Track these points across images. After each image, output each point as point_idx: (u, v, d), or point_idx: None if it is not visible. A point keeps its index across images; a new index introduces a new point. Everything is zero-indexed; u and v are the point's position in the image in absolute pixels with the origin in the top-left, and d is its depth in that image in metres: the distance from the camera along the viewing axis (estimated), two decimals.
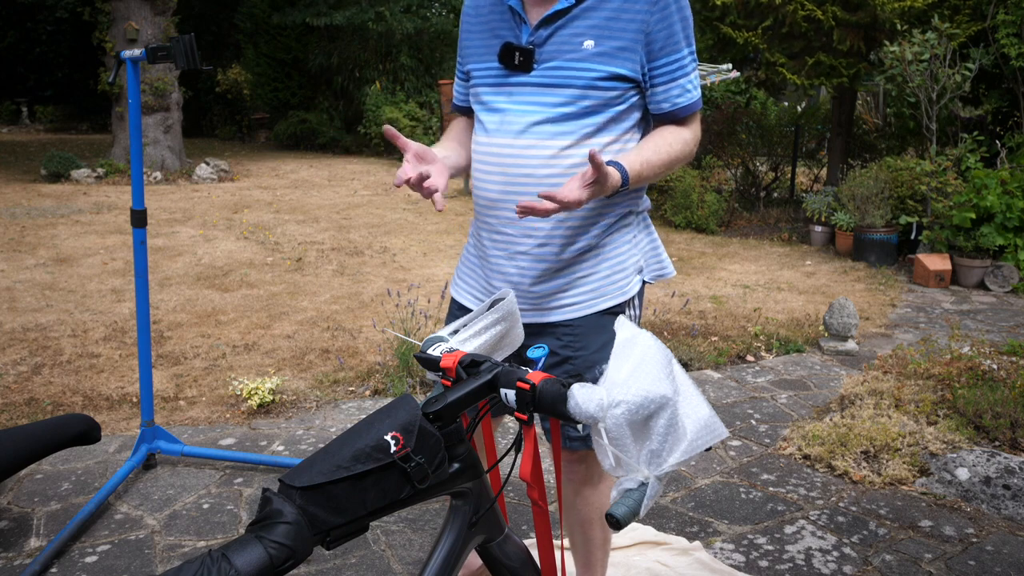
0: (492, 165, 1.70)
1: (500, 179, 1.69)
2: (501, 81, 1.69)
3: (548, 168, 1.64)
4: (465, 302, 1.85)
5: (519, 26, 1.66)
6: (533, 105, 1.64)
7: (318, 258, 6.77)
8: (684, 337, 4.73)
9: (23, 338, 4.52)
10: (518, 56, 1.64)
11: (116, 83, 8.07)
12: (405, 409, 1.08)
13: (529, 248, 1.69)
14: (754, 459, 3.24)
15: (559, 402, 1.06)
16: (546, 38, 1.63)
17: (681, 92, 1.67)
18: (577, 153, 1.64)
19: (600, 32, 1.60)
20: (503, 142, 1.67)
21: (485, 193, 1.73)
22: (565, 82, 1.62)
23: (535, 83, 1.64)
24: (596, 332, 1.71)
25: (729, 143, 9.80)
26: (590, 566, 1.99)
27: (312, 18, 15.45)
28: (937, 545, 2.61)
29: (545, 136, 1.64)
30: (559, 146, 1.64)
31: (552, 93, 1.63)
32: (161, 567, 2.41)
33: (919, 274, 6.53)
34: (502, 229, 1.71)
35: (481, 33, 1.74)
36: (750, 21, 8.24)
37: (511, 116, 1.66)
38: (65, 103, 20.48)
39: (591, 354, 1.71)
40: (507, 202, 1.68)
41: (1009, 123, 7.77)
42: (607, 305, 1.73)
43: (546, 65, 1.63)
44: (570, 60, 1.61)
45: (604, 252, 1.73)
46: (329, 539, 1.02)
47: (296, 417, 3.59)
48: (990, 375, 3.50)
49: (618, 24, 1.60)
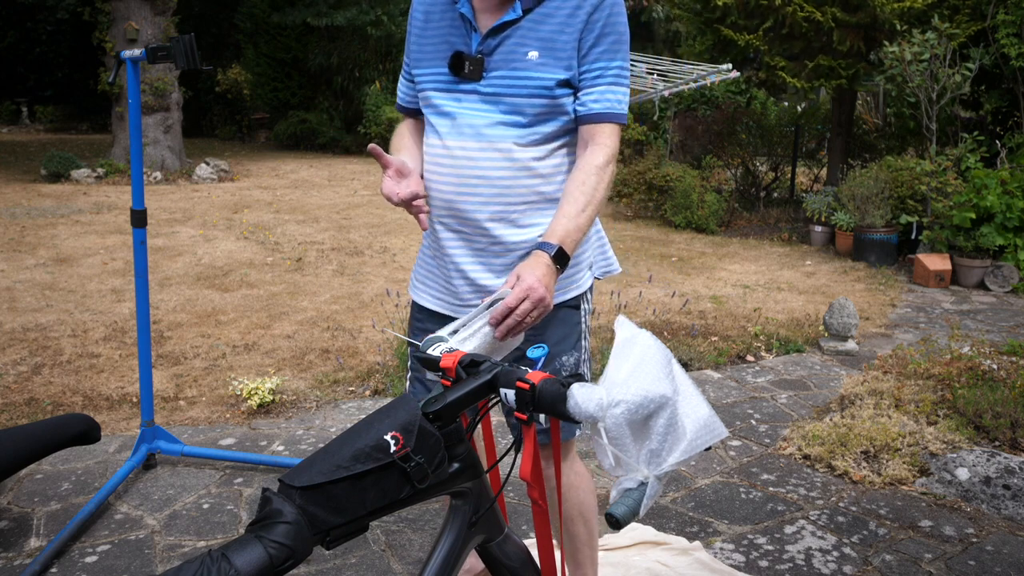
0: (446, 167, 1.74)
1: (455, 180, 1.73)
2: (451, 87, 1.72)
3: (501, 170, 1.69)
4: (427, 304, 1.88)
5: (470, 34, 1.70)
6: (483, 112, 1.69)
7: (318, 258, 6.77)
8: (684, 337, 4.73)
9: (23, 338, 4.52)
10: (468, 65, 1.67)
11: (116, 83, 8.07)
12: (405, 409, 1.08)
13: (485, 245, 1.74)
14: (754, 459, 3.24)
15: (559, 402, 1.06)
16: (494, 48, 1.67)
17: (598, 98, 1.68)
18: (529, 153, 1.69)
19: (544, 44, 1.65)
20: (455, 144, 1.71)
21: (440, 194, 1.76)
22: (512, 91, 1.66)
23: (484, 91, 1.68)
24: (554, 325, 1.76)
25: (729, 143, 9.81)
26: (578, 564, 1.99)
27: (313, 18, 15.45)
28: (937, 545, 2.61)
29: (496, 139, 1.68)
30: (510, 148, 1.68)
31: (500, 101, 1.67)
32: (161, 567, 2.41)
33: (919, 274, 6.53)
34: (458, 228, 1.76)
35: (432, 38, 1.77)
36: (750, 22, 8.24)
37: (462, 119, 1.70)
38: (65, 103, 20.48)
39: (553, 346, 1.77)
40: (462, 202, 1.72)
41: (1009, 123, 7.77)
42: (564, 299, 1.78)
43: (494, 74, 1.67)
44: (515, 70, 1.66)
45: None
46: (329, 539, 1.02)
47: (296, 417, 3.59)
48: (990, 375, 3.50)
49: (562, 37, 1.65)
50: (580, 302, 1.84)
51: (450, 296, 1.82)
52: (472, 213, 1.72)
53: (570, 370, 1.81)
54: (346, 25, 15.54)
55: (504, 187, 1.69)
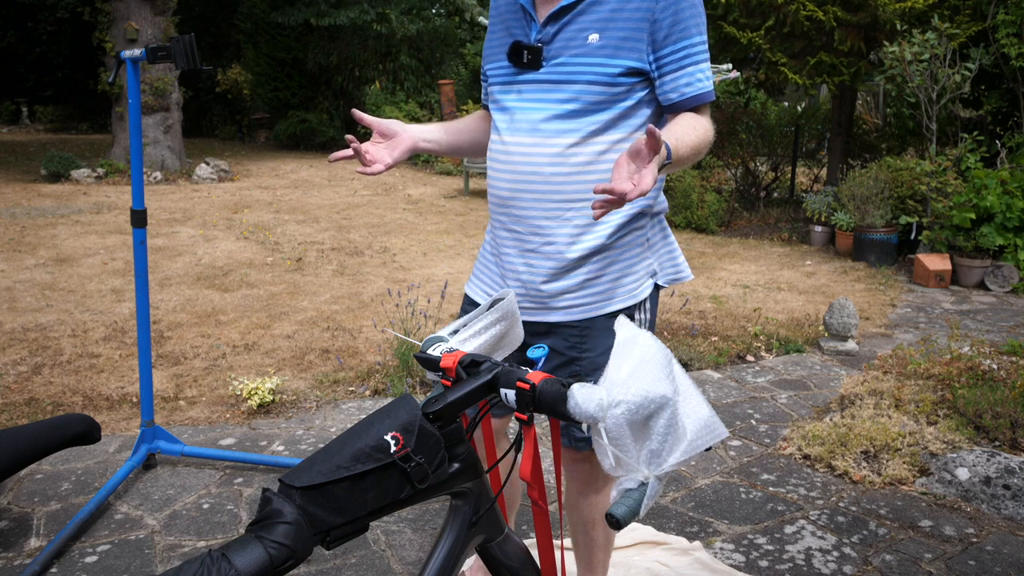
0: (502, 164, 1.72)
1: (509, 177, 1.71)
2: (511, 79, 1.70)
3: (555, 167, 1.65)
4: (478, 298, 1.86)
5: (529, 24, 1.68)
6: (540, 103, 1.65)
7: (318, 258, 6.77)
8: (684, 337, 4.73)
9: (23, 338, 4.52)
10: (526, 54, 1.65)
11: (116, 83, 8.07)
12: (405, 409, 1.08)
13: (538, 246, 1.70)
14: (754, 459, 3.24)
15: (559, 402, 1.06)
16: (553, 35, 1.63)
17: (690, 81, 1.62)
18: (583, 151, 1.64)
19: (604, 25, 1.59)
20: (512, 140, 1.69)
21: (497, 191, 1.75)
22: (571, 78, 1.61)
23: (543, 80, 1.65)
24: (603, 334, 1.71)
25: (729, 143, 9.80)
26: (591, 567, 1.99)
27: (314, 18, 15.45)
28: (937, 545, 2.61)
29: (551, 134, 1.64)
30: (565, 143, 1.63)
31: (559, 89, 1.63)
32: (161, 567, 2.41)
33: (919, 274, 6.53)
34: (512, 227, 1.73)
35: (498, 32, 1.76)
36: (752, 20, 8.24)
37: (519, 115, 1.68)
38: (65, 103, 20.47)
39: (597, 356, 1.71)
40: (517, 200, 1.70)
41: (1009, 123, 7.76)
42: (616, 308, 1.72)
43: (553, 62, 1.63)
44: (575, 55, 1.61)
45: (614, 254, 1.71)
46: (329, 539, 1.02)
47: (296, 417, 3.59)
48: (990, 375, 3.50)
49: (622, 15, 1.59)
50: (635, 311, 1.75)
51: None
52: (526, 211, 1.69)
53: None
54: (347, 25, 15.54)
55: (559, 184, 1.65)
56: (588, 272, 1.71)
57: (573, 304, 1.72)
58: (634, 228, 1.73)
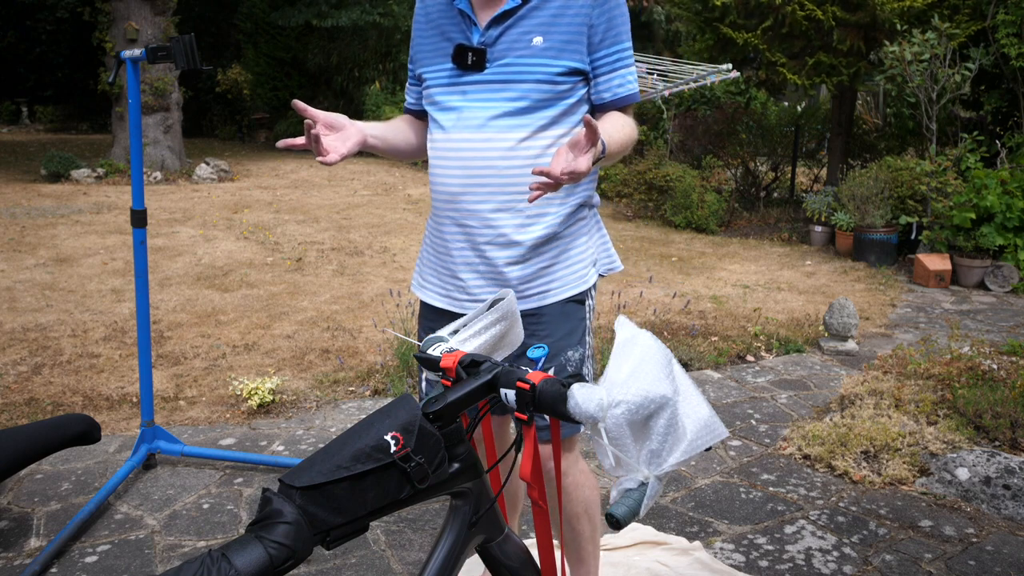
0: (452, 160, 1.76)
1: (461, 173, 1.74)
2: (454, 81, 1.74)
3: (508, 160, 1.71)
4: (434, 302, 1.89)
5: (469, 28, 1.73)
6: (488, 101, 1.71)
7: (318, 258, 6.77)
8: (684, 337, 4.73)
9: (23, 338, 4.52)
10: (471, 56, 1.70)
11: (116, 83, 8.07)
12: (405, 409, 1.08)
13: (491, 238, 1.76)
14: (754, 459, 3.24)
15: (559, 402, 1.06)
16: (496, 37, 1.70)
17: (621, 82, 1.75)
18: (534, 145, 1.72)
19: (547, 28, 1.68)
20: (461, 137, 1.73)
21: (446, 188, 1.78)
22: (518, 77, 1.69)
23: (489, 80, 1.70)
24: (561, 319, 1.79)
25: (729, 143, 9.80)
26: (582, 560, 2.00)
27: (315, 19, 15.45)
28: (937, 545, 2.61)
29: (503, 129, 1.70)
30: (516, 138, 1.70)
31: (506, 89, 1.69)
32: (161, 567, 2.41)
33: (919, 274, 6.53)
34: (464, 222, 1.77)
35: (431, 37, 1.80)
36: (750, 21, 8.24)
37: (468, 112, 1.72)
38: (65, 103, 20.47)
39: (557, 340, 1.79)
40: (468, 195, 1.74)
41: (1009, 123, 7.77)
42: (570, 293, 1.81)
43: (498, 63, 1.70)
44: (521, 56, 1.68)
45: (565, 243, 1.81)
46: (329, 539, 1.02)
47: (296, 417, 3.59)
48: (990, 375, 3.50)
49: (563, 19, 1.68)
50: (585, 297, 1.86)
51: (457, 291, 1.83)
52: (478, 205, 1.74)
53: (575, 365, 1.82)
54: (348, 25, 15.53)
55: (510, 177, 1.71)
56: (543, 260, 1.79)
57: (535, 292, 1.80)
58: (579, 218, 1.83)
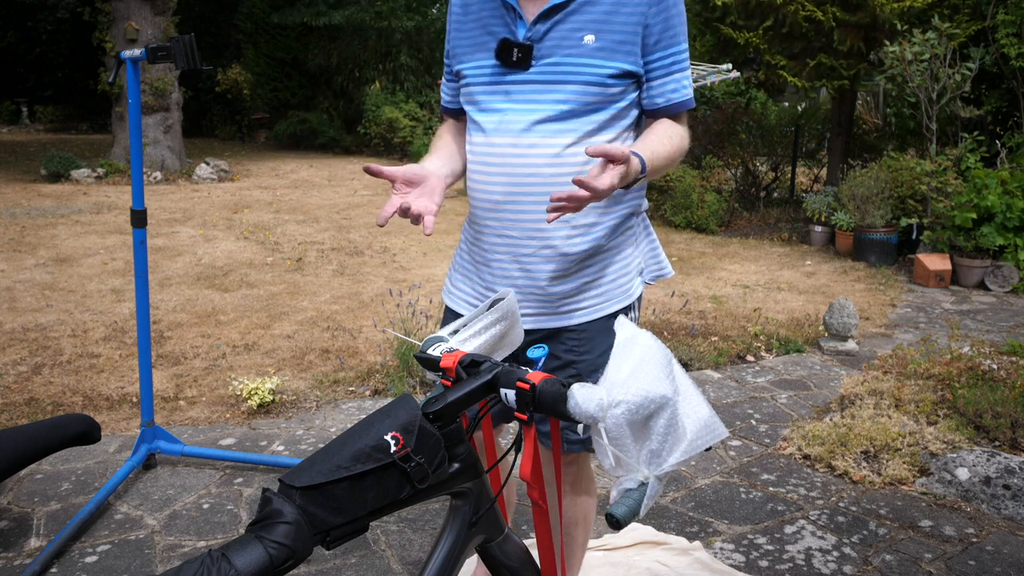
0: (494, 166, 1.63)
1: (503, 180, 1.63)
2: (496, 80, 1.62)
3: (554, 167, 1.59)
4: (461, 310, 1.78)
5: (514, 22, 1.60)
6: (532, 103, 1.59)
7: (318, 258, 6.77)
8: (684, 337, 4.73)
9: (23, 338, 4.52)
10: (516, 52, 1.57)
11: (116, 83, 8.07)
12: (405, 409, 1.08)
13: (535, 250, 1.65)
14: (754, 459, 3.24)
15: (559, 402, 1.06)
16: (544, 33, 1.57)
17: (676, 87, 1.63)
18: (582, 151, 1.58)
19: (600, 26, 1.56)
20: (504, 142, 1.61)
21: (487, 195, 1.66)
22: (566, 78, 1.57)
23: (534, 80, 1.58)
24: (601, 336, 1.68)
25: (729, 143, 9.80)
26: (569, 566, 2.00)
27: (311, 18, 15.45)
28: (937, 545, 2.61)
29: (548, 134, 1.58)
30: (563, 144, 1.59)
31: (553, 90, 1.58)
32: (161, 567, 2.41)
33: (919, 274, 6.53)
34: (505, 232, 1.65)
35: (472, 31, 1.67)
36: (750, 21, 8.24)
37: (511, 115, 1.60)
38: (65, 103, 20.48)
39: (595, 358, 1.69)
40: (511, 204, 1.62)
41: (1009, 123, 7.76)
42: (614, 309, 1.71)
43: (545, 61, 1.57)
44: (570, 56, 1.56)
45: (610, 255, 1.70)
46: (329, 539, 1.02)
47: (296, 417, 3.59)
48: (990, 375, 3.50)
49: (617, 18, 1.56)
50: (629, 311, 1.75)
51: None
52: (523, 214, 1.62)
53: None
54: (346, 24, 15.53)
55: (557, 185, 1.57)
56: (588, 275, 1.69)
57: (577, 308, 1.70)
58: (626, 228, 1.72)
